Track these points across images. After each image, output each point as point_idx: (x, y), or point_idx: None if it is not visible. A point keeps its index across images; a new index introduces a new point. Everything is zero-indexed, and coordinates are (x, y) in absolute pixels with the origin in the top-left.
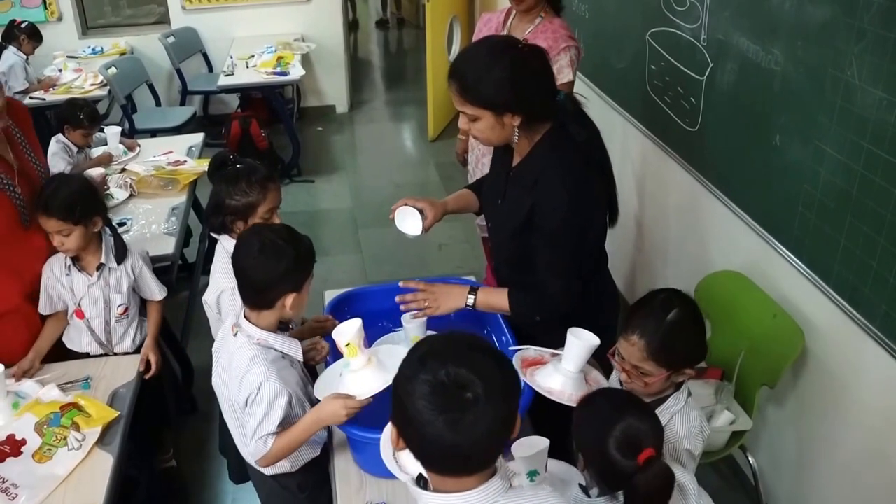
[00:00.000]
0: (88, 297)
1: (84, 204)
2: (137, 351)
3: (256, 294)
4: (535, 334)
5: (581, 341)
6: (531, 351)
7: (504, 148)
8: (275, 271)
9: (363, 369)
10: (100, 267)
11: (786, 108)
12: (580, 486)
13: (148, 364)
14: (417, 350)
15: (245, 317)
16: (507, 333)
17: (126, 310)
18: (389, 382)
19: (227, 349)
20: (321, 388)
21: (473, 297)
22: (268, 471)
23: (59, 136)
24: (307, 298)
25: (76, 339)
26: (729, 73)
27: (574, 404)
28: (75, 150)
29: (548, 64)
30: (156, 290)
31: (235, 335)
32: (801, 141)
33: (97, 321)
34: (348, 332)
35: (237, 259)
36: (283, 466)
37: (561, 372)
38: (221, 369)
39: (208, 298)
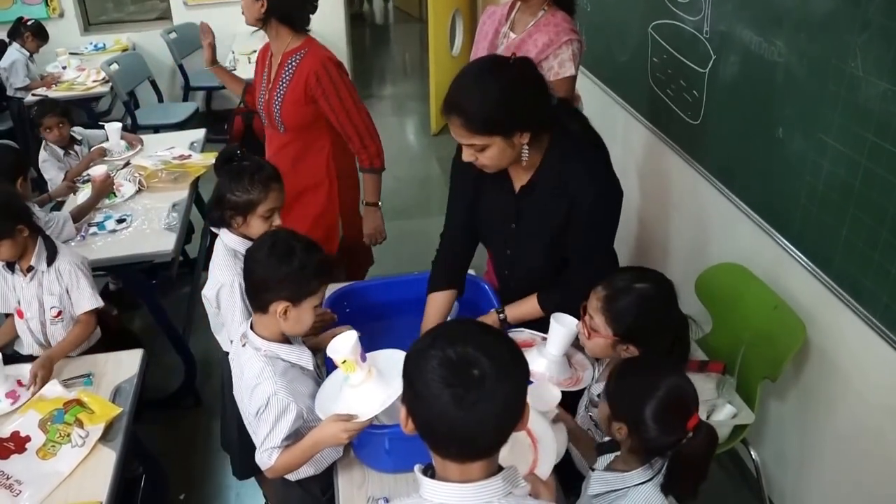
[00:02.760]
0: (24, 296)
1: (2, 218)
2: (82, 354)
3: (254, 291)
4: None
5: (563, 327)
6: (525, 333)
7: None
8: (274, 273)
9: (364, 384)
10: (30, 269)
11: (789, 100)
12: (598, 445)
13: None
14: (430, 332)
15: (252, 327)
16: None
17: (60, 313)
18: (393, 398)
19: (238, 360)
20: (321, 404)
21: (503, 316)
22: (291, 476)
23: (46, 143)
24: (309, 318)
25: (22, 340)
26: (732, 65)
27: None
28: (60, 152)
29: (538, 73)
30: (84, 301)
31: (244, 346)
32: (804, 133)
33: (34, 322)
34: (343, 348)
35: (249, 251)
36: (307, 472)
37: (545, 356)
38: (236, 379)
39: (207, 293)
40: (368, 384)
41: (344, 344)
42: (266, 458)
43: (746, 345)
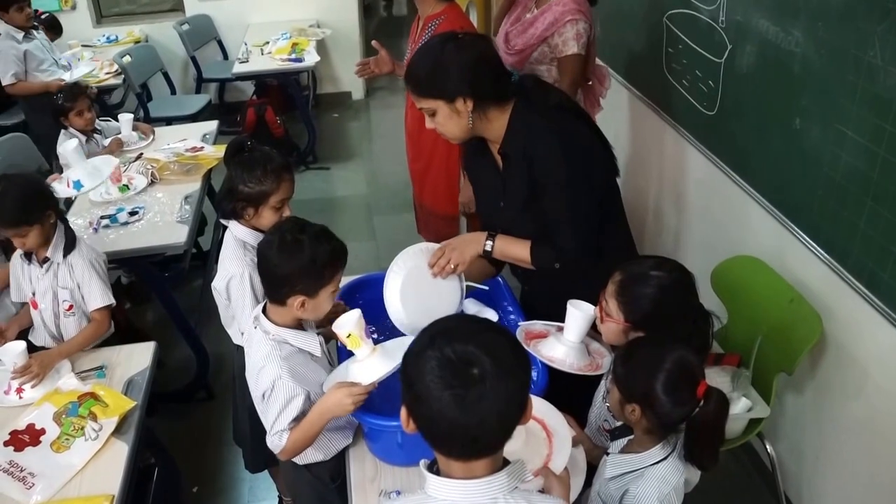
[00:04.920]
0: (39, 288)
1: (33, 203)
2: (95, 347)
3: (270, 287)
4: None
5: (581, 312)
6: (538, 325)
7: (479, 155)
8: (286, 269)
9: (368, 358)
10: (46, 259)
11: (806, 90)
12: (608, 431)
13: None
14: (428, 329)
15: (264, 310)
16: (515, 310)
17: (71, 307)
18: (394, 366)
19: (250, 342)
20: (328, 384)
21: (491, 242)
22: (299, 460)
23: (67, 129)
24: (327, 305)
25: (35, 331)
26: (748, 55)
27: (575, 371)
28: (83, 138)
29: (490, 47)
30: (96, 297)
31: (255, 328)
32: (822, 124)
33: (47, 313)
34: (347, 323)
35: (261, 248)
36: (314, 456)
37: (562, 342)
38: (247, 362)
39: (217, 285)
40: (373, 358)
41: (348, 319)
42: (277, 440)
43: (762, 338)
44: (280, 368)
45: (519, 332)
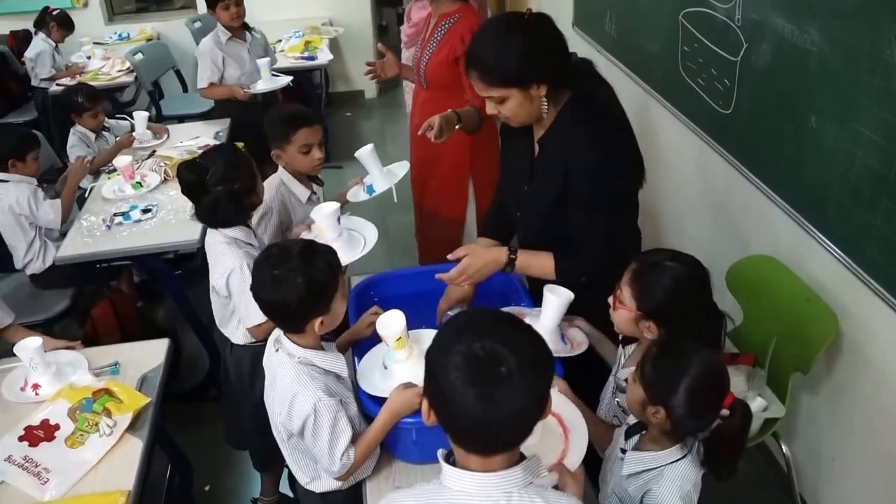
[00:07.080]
0: None
1: None
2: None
3: (284, 323)
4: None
5: (556, 297)
6: (519, 309)
7: (519, 132)
8: (294, 303)
9: (409, 359)
10: None
11: (822, 89)
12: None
13: None
14: (453, 323)
15: (286, 333)
16: (525, 299)
17: None
18: None
19: (271, 365)
20: (365, 378)
21: (511, 264)
22: (316, 487)
23: (75, 126)
24: (342, 308)
25: None
26: (764, 53)
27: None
28: (92, 137)
29: (556, 27)
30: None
31: (277, 351)
32: (838, 123)
33: None
34: (397, 326)
35: (256, 293)
36: (331, 484)
37: (538, 327)
38: (268, 386)
39: (216, 283)
40: (413, 360)
41: (396, 322)
42: (347, 461)
43: (778, 337)
44: (316, 389)
45: None
